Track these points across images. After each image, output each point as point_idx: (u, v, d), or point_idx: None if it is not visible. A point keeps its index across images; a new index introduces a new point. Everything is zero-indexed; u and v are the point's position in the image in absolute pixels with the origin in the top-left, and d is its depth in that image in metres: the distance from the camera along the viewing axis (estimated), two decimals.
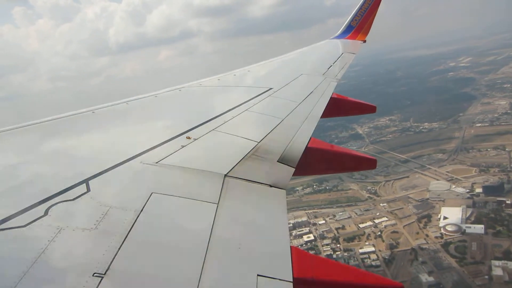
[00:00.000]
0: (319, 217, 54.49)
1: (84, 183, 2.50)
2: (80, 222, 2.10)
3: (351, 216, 53.00)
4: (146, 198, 2.42)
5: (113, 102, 4.76)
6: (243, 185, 2.93)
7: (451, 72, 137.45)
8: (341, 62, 9.47)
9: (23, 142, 3.45)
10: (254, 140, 3.80)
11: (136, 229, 2.09)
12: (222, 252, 2.12)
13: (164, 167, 2.93)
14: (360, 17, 13.18)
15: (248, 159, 3.36)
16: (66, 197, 2.31)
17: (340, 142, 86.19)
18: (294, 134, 4.24)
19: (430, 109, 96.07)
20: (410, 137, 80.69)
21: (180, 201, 2.52)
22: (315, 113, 5.21)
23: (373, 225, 49.47)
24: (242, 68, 7.98)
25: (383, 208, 53.58)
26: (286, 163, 3.51)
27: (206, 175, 2.95)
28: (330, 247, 46.87)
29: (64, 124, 3.95)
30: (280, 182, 3.12)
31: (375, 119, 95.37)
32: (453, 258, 39.28)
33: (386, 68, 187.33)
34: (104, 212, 2.20)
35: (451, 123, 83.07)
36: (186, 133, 3.69)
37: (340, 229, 50.10)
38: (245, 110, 4.78)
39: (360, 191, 60.90)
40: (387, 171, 66.40)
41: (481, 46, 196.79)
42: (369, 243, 45.82)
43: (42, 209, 2.14)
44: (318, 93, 6.31)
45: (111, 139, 3.68)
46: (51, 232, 1.95)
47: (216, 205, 2.51)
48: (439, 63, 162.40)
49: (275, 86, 6.17)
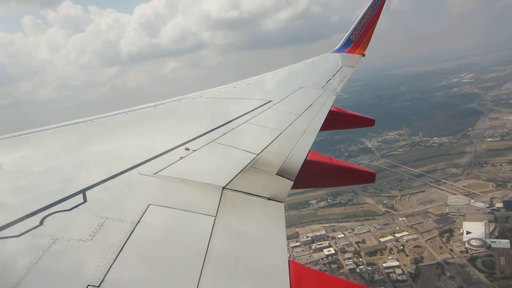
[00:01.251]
0: (337, 231, 54.11)
1: (81, 193, 2.46)
2: (76, 232, 2.05)
3: (370, 230, 52.66)
4: (143, 209, 2.38)
5: (112, 112, 4.76)
6: (242, 198, 2.90)
7: (455, 88, 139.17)
8: (340, 75, 9.53)
9: (20, 150, 3.44)
10: (253, 152, 3.78)
11: (132, 240, 2.06)
12: (219, 265, 2.07)
13: (162, 178, 2.90)
14: (359, 32, 13.33)
15: (246, 171, 3.34)
16: (62, 207, 2.27)
17: (350, 155, 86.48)
18: (293, 146, 4.22)
19: (438, 124, 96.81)
20: (421, 152, 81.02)
21: (177, 213, 2.48)
22: (314, 126, 5.20)
23: (394, 239, 49.13)
24: (242, 81, 8.02)
25: (402, 222, 53.35)
26: (285, 176, 3.48)
27: (204, 187, 2.92)
28: (352, 261, 46.39)
29: (62, 133, 3.93)
30: (278, 195, 3.08)
31: (383, 133, 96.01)
32: (482, 273, 38.98)
33: (389, 83, 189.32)
34: (101, 223, 2.16)
35: (461, 137, 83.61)
36: (185, 144, 3.66)
37: (360, 243, 49.74)
38: (244, 122, 4.78)
39: (376, 205, 60.72)
40: (401, 185, 66.46)
41: (481, 63, 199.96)
42: (392, 257, 45.44)
43: (38, 219, 2.10)
44: (317, 106, 6.32)
45: (109, 149, 3.64)
46: (46, 243, 1.90)
47: (214, 218, 2.47)
48: (442, 79, 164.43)
49: (274, 98, 6.17)
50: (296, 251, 50.63)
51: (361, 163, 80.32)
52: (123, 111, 4.85)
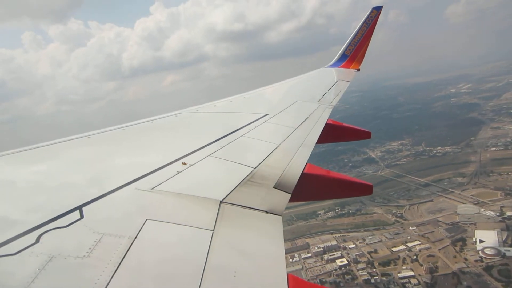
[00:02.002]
0: (348, 241, 53.91)
1: (77, 209, 2.45)
2: (73, 249, 2.02)
3: (382, 240, 52.54)
4: (141, 225, 2.37)
5: (108, 128, 4.76)
6: (239, 212, 2.89)
7: (453, 98, 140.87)
8: (336, 89, 9.66)
9: (16, 167, 3.45)
10: (250, 166, 3.78)
11: (129, 256, 2.03)
12: (217, 280, 2.07)
13: (159, 193, 2.89)
14: (353, 47, 13.54)
15: (244, 185, 3.33)
16: (59, 223, 2.24)
17: (354, 166, 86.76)
18: (290, 160, 4.22)
19: (440, 134, 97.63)
20: (425, 161, 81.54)
21: (175, 228, 2.46)
22: (310, 139, 5.20)
23: (407, 248, 49.05)
24: (238, 95, 8.15)
25: (413, 231, 53.33)
26: (282, 189, 3.47)
27: (201, 202, 2.91)
28: (366, 271, 46.12)
29: (59, 149, 3.94)
30: (276, 208, 3.07)
31: (386, 143, 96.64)
32: (499, 282, 38.94)
33: (387, 94, 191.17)
34: (98, 239, 2.14)
35: (464, 147, 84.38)
36: (182, 159, 3.65)
37: (372, 253, 49.53)
38: (241, 136, 4.79)
39: (385, 214, 60.70)
40: (409, 195, 66.64)
41: (477, 74, 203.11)
42: (407, 267, 45.26)
43: (34, 236, 2.07)
44: (314, 119, 6.35)
45: (106, 164, 3.65)
46: (42, 260, 1.88)
47: (211, 232, 2.46)
48: (440, 90, 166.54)
49: (271, 112, 6.20)
50: (308, 262, 50.29)
51: (366, 173, 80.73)
52: (120, 126, 4.85)
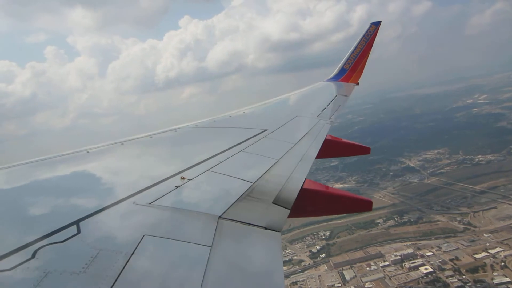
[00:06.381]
0: (423, 249, 53.39)
1: (74, 224, 2.42)
2: (69, 265, 1.99)
3: (459, 248, 52.15)
4: (138, 240, 2.34)
5: (108, 142, 4.77)
6: (238, 227, 2.86)
7: (474, 108, 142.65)
8: (335, 104, 9.74)
9: (13, 181, 3.45)
10: (249, 181, 3.76)
11: (126, 272, 2.01)
12: None
13: (158, 208, 2.88)
14: (352, 61, 13.55)
15: (243, 200, 3.32)
16: (55, 239, 2.21)
17: (396, 175, 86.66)
18: (289, 175, 4.20)
19: (475, 142, 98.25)
20: (470, 169, 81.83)
21: (172, 244, 2.44)
22: (309, 154, 5.20)
23: (490, 255, 48.68)
24: (237, 110, 8.24)
25: (489, 238, 53.11)
26: (281, 204, 3.44)
27: (200, 217, 2.89)
28: (456, 278, 45.59)
29: (57, 163, 3.94)
30: (275, 224, 3.04)
31: (421, 153, 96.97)
32: None
33: (401, 105, 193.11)
34: (94, 254, 2.11)
35: (507, 155, 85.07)
36: (181, 173, 3.64)
37: (455, 260, 49.09)
38: (240, 151, 4.78)
39: (450, 222, 60.34)
40: (468, 202, 66.50)
41: (486, 84, 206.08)
42: (499, 274, 44.84)
43: (30, 251, 2.05)
44: (313, 134, 6.36)
45: (104, 179, 3.65)
46: (37, 276, 1.85)
47: (209, 248, 2.43)
48: (455, 100, 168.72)
49: (270, 127, 6.20)
50: (389, 270, 49.57)
51: (412, 182, 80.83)
52: (119, 141, 4.84)
